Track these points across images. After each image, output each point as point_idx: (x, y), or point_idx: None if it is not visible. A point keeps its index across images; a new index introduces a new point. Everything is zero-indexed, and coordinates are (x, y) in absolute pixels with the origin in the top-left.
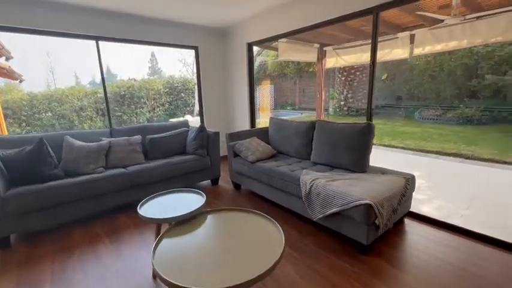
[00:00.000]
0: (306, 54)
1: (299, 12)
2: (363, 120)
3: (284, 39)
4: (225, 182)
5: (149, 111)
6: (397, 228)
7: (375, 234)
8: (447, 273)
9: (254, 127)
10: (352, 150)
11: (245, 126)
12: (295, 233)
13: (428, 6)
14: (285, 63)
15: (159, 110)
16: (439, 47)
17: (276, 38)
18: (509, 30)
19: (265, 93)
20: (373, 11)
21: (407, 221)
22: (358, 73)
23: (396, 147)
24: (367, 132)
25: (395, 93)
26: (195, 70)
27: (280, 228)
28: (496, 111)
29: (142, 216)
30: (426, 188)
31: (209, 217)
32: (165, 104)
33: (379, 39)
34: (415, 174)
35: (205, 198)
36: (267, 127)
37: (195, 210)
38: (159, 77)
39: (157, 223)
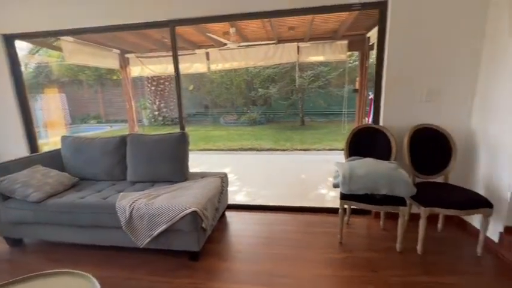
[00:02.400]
0: (104, 60)
1: (84, 7)
2: (178, 128)
3: (70, 38)
4: None
5: None
6: (221, 222)
7: (204, 237)
8: (265, 244)
9: (37, 151)
10: (171, 161)
11: (20, 151)
12: (122, 272)
13: (216, 30)
14: (79, 68)
15: None
16: (227, 65)
17: (54, 34)
18: (267, 58)
19: (53, 104)
20: (169, 25)
21: (227, 213)
22: (167, 83)
23: (210, 150)
24: (182, 140)
25: (202, 102)
26: None
27: (95, 281)
28: (267, 114)
29: None
30: (237, 180)
31: None
32: None
33: (181, 52)
34: (227, 170)
35: None
36: (60, 148)
37: None
38: None
39: None
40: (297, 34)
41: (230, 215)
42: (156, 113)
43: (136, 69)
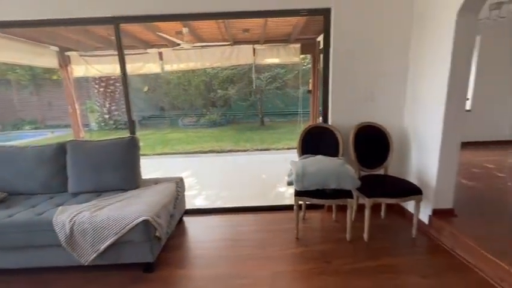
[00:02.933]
0: (39, 58)
1: None
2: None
3: None
4: None
5: None
6: (178, 229)
7: (158, 246)
8: (225, 247)
9: None
10: (119, 168)
11: None
12: None
13: (168, 29)
14: (8, 66)
15: None
16: (182, 66)
17: None
18: (223, 59)
19: None
20: (114, 22)
21: (185, 218)
22: (118, 84)
23: (168, 153)
24: (132, 146)
25: (158, 104)
26: None
27: None
28: (228, 115)
29: None
30: (196, 183)
31: None
32: None
33: (131, 52)
34: (186, 174)
35: None
36: None
37: None
38: None
39: None
40: (252, 36)
41: (188, 220)
42: (107, 116)
43: (81, 69)
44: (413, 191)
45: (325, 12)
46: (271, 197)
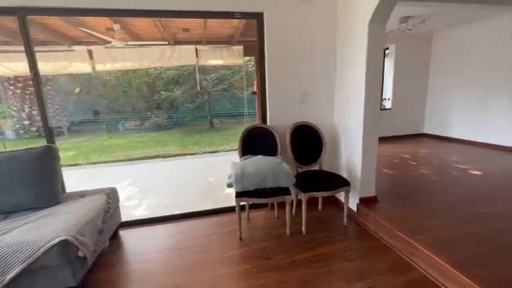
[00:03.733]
0: None
1: None
2: (62, 140)
3: None
4: None
5: None
6: (113, 244)
7: (84, 268)
8: (164, 257)
9: None
10: (32, 184)
11: None
12: None
13: (97, 25)
14: None
15: None
16: (118, 65)
17: None
18: (164, 59)
19: None
20: (17, 12)
21: (122, 232)
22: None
23: (106, 162)
24: (47, 157)
25: (93, 107)
26: None
27: None
28: (174, 118)
29: None
30: (137, 193)
31: None
32: None
33: (51, 48)
34: (127, 183)
35: None
36: None
37: None
38: None
39: None
40: (194, 36)
41: (126, 234)
42: (27, 122)
43: None
44: (343, 183)
45: (258, 16)
46: (219, 199)
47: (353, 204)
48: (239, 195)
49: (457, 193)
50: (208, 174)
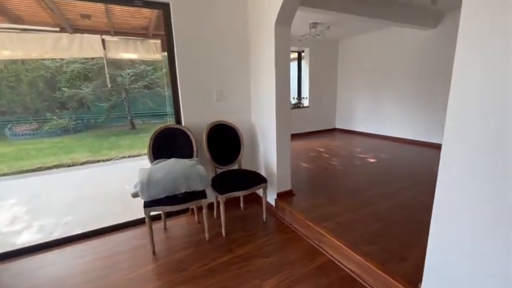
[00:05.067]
0: None
1: None
2: None
3: None
4: None
5: None
6: None
7: None
8: None
9: None
10: None
11: None
12: None
13: None
14: None
15: None
16: None
17: None
18: (58, 49)
19: None
20: None
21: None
22: None
23: None
24: None
25: None
26: None
27: None
28: (85, 119)
29: None
30: (25, 213)
31: None
32: None
33: None
34: (10, 203)
35: None
36: None
37: None
38: None
39: None
40: (99, 25)
41: (4, 269)
42: None
43: None
44: (260, 180)
45: (164, 7)
46: (136, 211)
47: (272, 199)
48: (148, 204)
49: (357, 179)
50: (125, 182)
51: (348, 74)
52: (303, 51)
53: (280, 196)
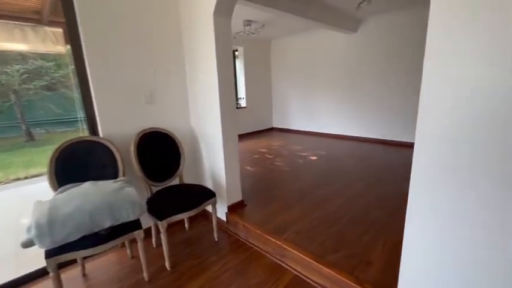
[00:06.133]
0: None
1: None
2: None
3: None
4: None
5: None
6: None
7: None
8: None
9: None
10: None
11: None
12: None
13: None
14: None
15: None
16: None
17: None
18: None
19: None
20: None
21: None
22: None
23: None
24: None
25: None
26: None
27: None
28: None
29: None
30: None
31: None
32: None
33: None
34: None
35: None
36: None
37: None
38: None
39: None
40: None
41: None
42: None
43: None
44: (207, 195)
45: None
46: (31, 258)
47: (222, 213)
48: (52, 253)
49: (305, 179)
50: (17, 214)
51: (281, 74)
52: (237, 50)
53: (232, 209)
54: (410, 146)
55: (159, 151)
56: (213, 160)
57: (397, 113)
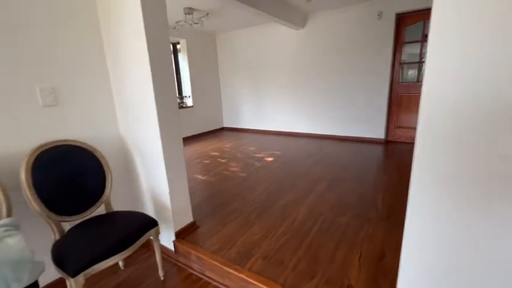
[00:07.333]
0: None
1: None
2: None
3: None
4: None
5: None
6: None
7: None
8: None
9: None
10: None
11: None
12: None
13: None
14: None
15: None
16: None
17: None
18: None
19: None
20: None
21: None
22: None
23: None
24: None
25: None
26: None
27: None
28: None
29: None
30: None
31: None
32: None
33: None
34: None
35: None
36: None
37: None
38: None
39: None
40: None
41: None
42: None
43: None
44: (146, 225)
45: None
46: None
47: (169, 242)
48: None
49: (264, 186)
50: None
51: (229, 70)
52: (179, 43)
53: (181, 235)
54: (354, 140)
55: (72, 172)
56: (152, 176)
57: (342, 109)
